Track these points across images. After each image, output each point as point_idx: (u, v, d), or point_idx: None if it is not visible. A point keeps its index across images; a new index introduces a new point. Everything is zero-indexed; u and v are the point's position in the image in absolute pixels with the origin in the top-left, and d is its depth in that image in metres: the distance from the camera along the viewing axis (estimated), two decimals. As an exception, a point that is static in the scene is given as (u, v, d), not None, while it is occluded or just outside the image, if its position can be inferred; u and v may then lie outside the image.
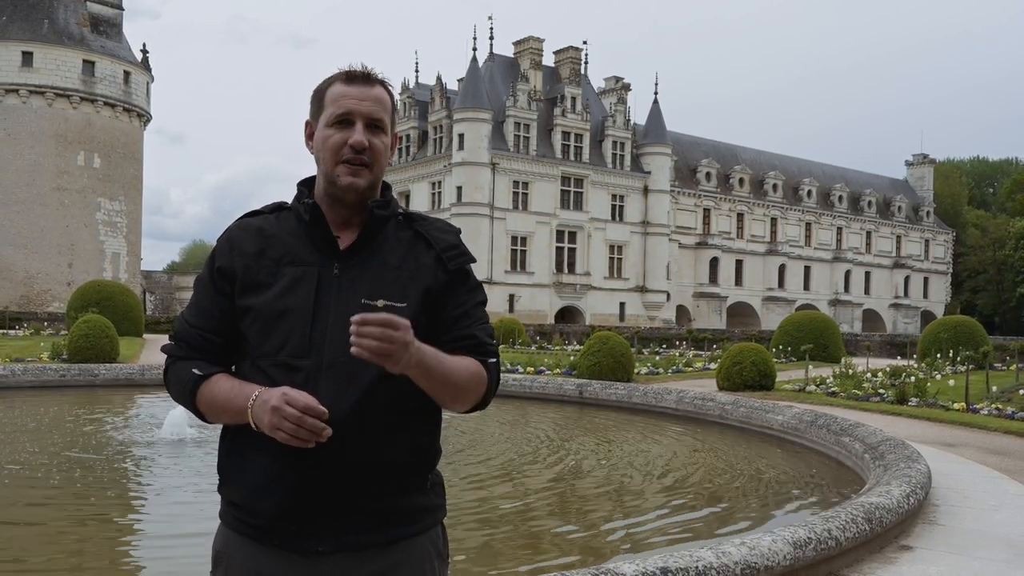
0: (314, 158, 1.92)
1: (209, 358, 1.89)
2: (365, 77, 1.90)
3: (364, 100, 1.86)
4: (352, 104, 1.85)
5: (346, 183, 1.84)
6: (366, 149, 1.84)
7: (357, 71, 1.90)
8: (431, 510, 1.90)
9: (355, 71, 1.90)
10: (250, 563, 1.82)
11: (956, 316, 26.36)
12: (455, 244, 1.94)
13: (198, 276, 1.97)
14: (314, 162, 1.93)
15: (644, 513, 6.92)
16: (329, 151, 1.85)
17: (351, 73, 1.90)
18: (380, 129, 1.89)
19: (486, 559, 5.42)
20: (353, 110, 1.85)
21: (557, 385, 14.81)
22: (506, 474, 8.25)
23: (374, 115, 1.87)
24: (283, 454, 1.74)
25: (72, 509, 6.57)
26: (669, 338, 38.27)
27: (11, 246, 47.13)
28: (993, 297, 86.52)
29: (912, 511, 5.50)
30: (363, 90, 1.87)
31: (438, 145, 62.65)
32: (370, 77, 1.90)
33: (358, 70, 1.90)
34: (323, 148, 1.86)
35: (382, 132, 1.89)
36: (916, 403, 12.79)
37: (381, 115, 1.88)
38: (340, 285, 1.83)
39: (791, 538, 4.26)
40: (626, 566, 3.64)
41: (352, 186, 1.84)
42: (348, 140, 1.84)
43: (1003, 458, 8.59)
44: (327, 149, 1.85)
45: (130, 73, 50.68)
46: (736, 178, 76.05)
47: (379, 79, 1.92)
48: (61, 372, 15.56)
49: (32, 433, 9.82)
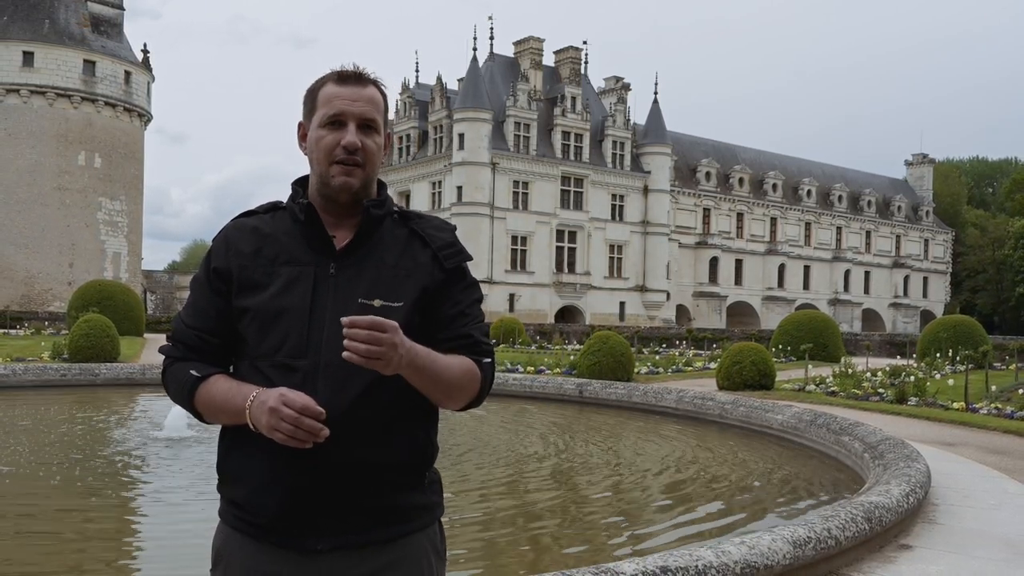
0: (307, 159, 1.92)
1: (207, 358, 1.90)
2: (357, 77, 1.90)
3: (356, 101, 1.87)
4: (344, 105, 1.86)
5: (340, 183, 1.84)
6: (359, 150, 1.85)
7: (349, 71, 1.90)
8: (429, 508, 1.91)
9: (347, 71, 1.90)
10: (249, 561, 1.83)
11: (955, 316, 26.42)
12: (451, 242, 1.94)
13: (194, 276, 1.98)
14: (308, 161, 1.94)
15: (644, 512, 6.91)
16: (322, 152, 1.85)
17: (343, 73, 1.90)
18: (372, 129, 1.89)
19: (485, 557, 5.43)
20: (345, 111, 1.85)
21: (557, 384, 14.83)
22: (506, 473, 8.26)
23: (366, 115, 1.87)
24: (282, 454, 1.74)
25: (73, 508, 6.58)
26: (669, 337, 38.32)
27: (12, 246, 47.20)
28: (992, 297, 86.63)
29: (911, 510, 5.49)
30: (355, 90, 1.87)
31: (438, 145, 62.69)
32: (362, 77, 1.90)
33: (349, 70, 1.91)
34: (316, 149, 1.87)
35: (375, 132, 1.89)
36: (915, 402, 12.82)
37: (373, 115, 1.89)
38: (336, 285, 1.83)
39: (791, 537, 4.27)
40: (626, 565, 3.65)
41: (346, 186, 1.85)
42: (341, 141, 1.84)
43: (1002, 457, 8.60)
44: (320, 150, 1.86)
45: (131, 73, 50.74)
46: (736, 178, 76.09)
47: (371, 79, 1.92)
48: (62, 371, 15.56)
49: (32, 433, 9.84)
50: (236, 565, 1.85)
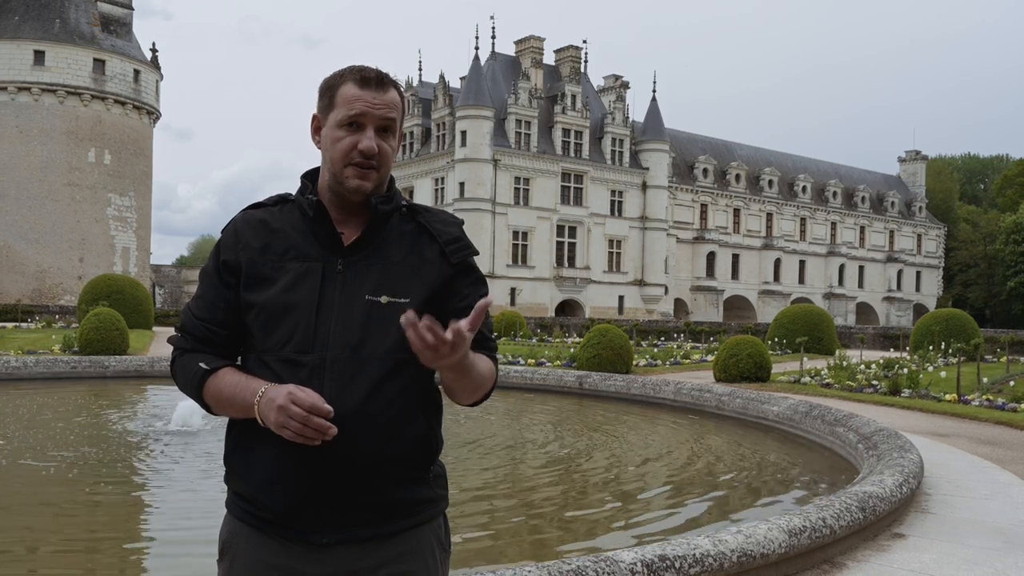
0: (320, 153, 1.90)
1: (215, 350, 1.89)
2: (379, 81, 1.86)
3: (377, 105, 1.84)
4: (365, 107, 1.83)
5: (354, 186, 1.83)
6: (376, 155, 1.83)
7: (371, 74, 1.87)
8: (434, 501, 1.91)
9: (368, 74, 1.87)
10: (256, 553, 1.83)
11: (948, 309, 26.55)
12: (458, 237, 1.93)
13: (203, 268, 1.95)
14: (320, 155, 1.91)
15: (642, 502, 6.90)
16: (339, 152, 1.83)
17: (365, 76, 1.86)
18: (390, 132, 1.87)
19: (488, 548, 5.41)
20: (366, 113, 1.83)
21: (557, 377, 14.76)
22: (507, 464, 8.24)
23: (385, 119, 1.85)
24: (289, 449, 1.74)
25: (82, 499, 6.55)
26: (667, 331, 38.17)
27: (24, 241, 47.89)
28: (984, 290, 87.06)
29: (905, 500, 5.51)
30: (376, 94, 1.84)
31: (441, 142, 63.51)
32: (383, 81, 1.87)
33: (371, 73, 1.87)
34: (332, 149, 1.85)
35: (391, 135, 1.88)
36: (909, 394, 12.78)
37: (393, 118, 1.87)
38: (344, 281, 1.82)
39: (786, 526, 4.28)
40: (625, 554, 3.65)
41: (360, 188, 1.83)
42: (358, 144, 1.82)
43: (994, 448, 8.62)
44: (337, 151, 1.83)
45: (140, 71, 51.47)
46: (732, 174, 76.89)
47: (392, 81, 1.89)
48: (72, 364, 15.58)
49: (43, 424, 9.81)
50: (242, 557, 1.85)
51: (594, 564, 3.50)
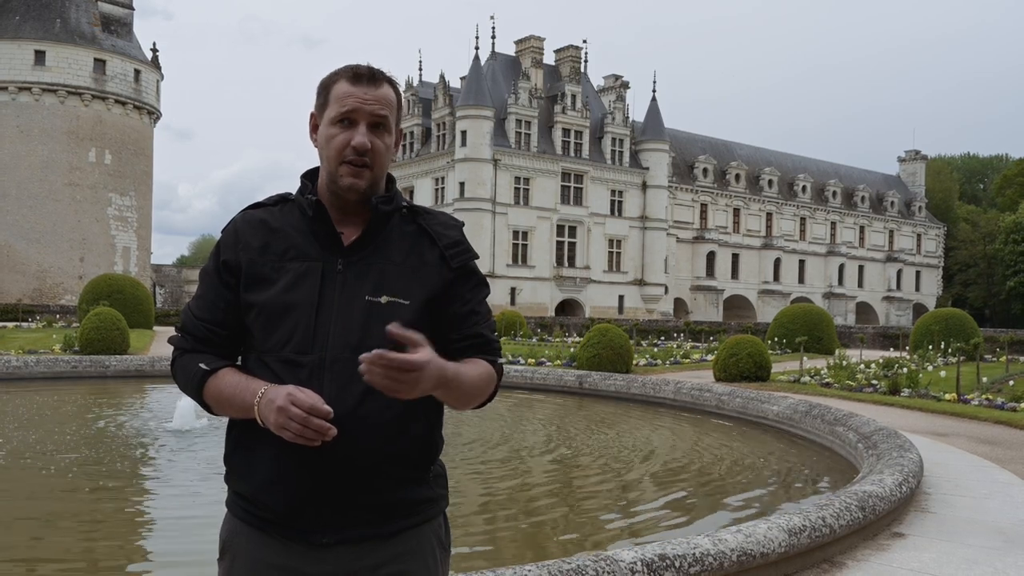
0: (318, 152, 1.91)
1: (216, 350, 1.89)
2: (370, 77, 1.86)
3: (368, 101, 1.84)
4: (356, 104, 1.83)
5: (347, 184, 1.83)
6: (368, 151, 1.83)
7: (363, 70, 1.87)
8: (434, 501, 1.91)
9: (361, 70, 1.87)
10: (256, 553, 1.83)
11: (947, 309, 26.62)
12: (458, 240, 1.93)
13: (203, 268, 1.95)
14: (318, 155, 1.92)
15: (642, 501, 6.91)
16: (333, 150, 1.84)
17: (357, 72, 1.86)
18: (384, 129, 1.86)
19: (488, 547, 5.43)
20: (357, 109, 1.83)
21: (557, 376, 14.82)
22: (508, 463, 8.26)
23: (377, 115, 1.85)
24: (289, 449, 1.74)
25: (83, 497, 6.58)
26: (667, 330, 38.32)
27: (25, 240, 47.95)
28: (983, 290, 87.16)
29: (904, 499, 5.53)
30: (368, 90, 1.84)
31: (441, 142, 63.56)
32: (375, 77, 1.87)
33: (363, 69, 1.87)
34: (326, 147, 1.85)
35: (385, 132, 1.87)
36: (908, 394, 12.82)
37: (385, 115, 1.86)
38: (344, 281, 1.82)
39: (786, 525, 4.30)
40: (625, 553, 3.66)
41: (353, 187, 1.83)
42: (351, 141, 1.82)
43: (993, 447, 8.64)
44: (331, 148, 1.84)
45: (140, 71, 51.50)
46: (732, 174, 76.94)
47: (385, 77, 1.89)
48: (73, 363, 15.63)
49: (44, 424, 9.84)
50: (243, 556, 1.85)
51: (594, 563, 3.51)
